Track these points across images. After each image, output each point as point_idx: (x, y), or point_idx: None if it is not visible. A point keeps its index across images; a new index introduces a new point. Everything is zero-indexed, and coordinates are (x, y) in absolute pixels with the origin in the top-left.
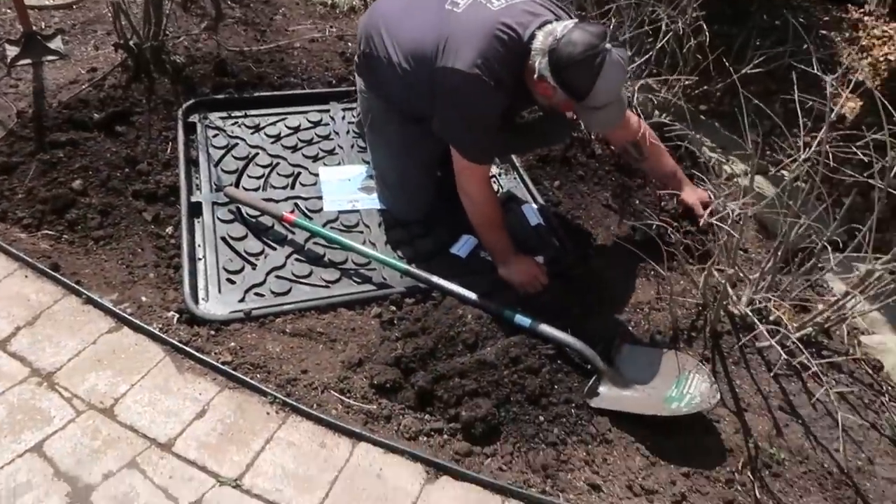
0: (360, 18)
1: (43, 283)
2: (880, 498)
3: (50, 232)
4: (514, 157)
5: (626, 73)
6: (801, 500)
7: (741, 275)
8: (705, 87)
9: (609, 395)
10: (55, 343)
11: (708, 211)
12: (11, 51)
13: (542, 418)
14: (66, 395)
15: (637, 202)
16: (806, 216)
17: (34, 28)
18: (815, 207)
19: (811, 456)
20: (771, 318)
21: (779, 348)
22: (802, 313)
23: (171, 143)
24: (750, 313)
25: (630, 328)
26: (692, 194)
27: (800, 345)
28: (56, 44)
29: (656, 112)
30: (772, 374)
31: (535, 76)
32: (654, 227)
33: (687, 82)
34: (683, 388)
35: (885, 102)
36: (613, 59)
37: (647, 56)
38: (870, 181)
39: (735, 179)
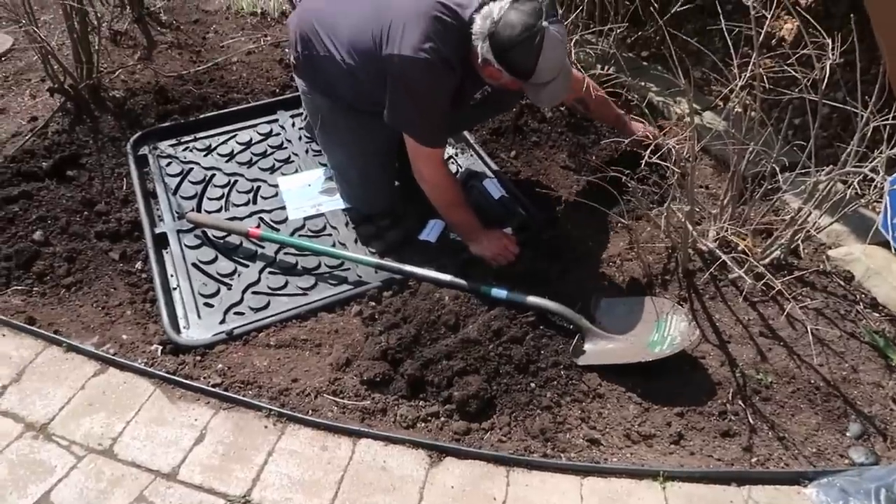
0: (288, 21)
1: (21, 338)
2: (868, 402)
3: (20, 287)
4: (467, 134)
5: (566, 47)
6: (793, 419)
7: (703, 211)
8: (640, 33)
9: (594, 351)
10: (44, 395)
11: (653, 144)
12: None
13: (533, 385)
14: (63, 443)
15: (593, 157)
16: (754, 143)
17: None
18: (760, 133)
19: (797, 374)
20: (739, 248)
21: (744, 276)
22: (768, 238)
23: (125, 179)
24: (716, 248)
25: (605, 282)
26: (636, 132)
27: (769, 269)
28: None
29: (598, 65)
30: (746, 303)
31: (480, 61)
32: (607, 178)
33: (620, 31)
34: (664, 331)
35: (810, 18)
36: (551, 35)
37: (577, 10)
38: (802, 96)
39: (684, 119)
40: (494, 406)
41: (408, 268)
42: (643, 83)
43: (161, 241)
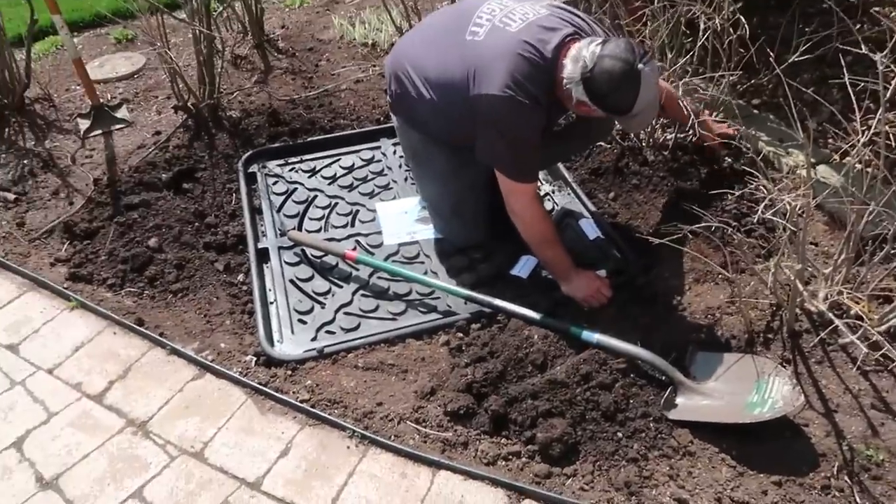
0: (384, 60)
1: (130, 337)
2: None
3: (132, 289)
4: (565, 172)
5: (658, 78)
6: None
7: (814, 270)
8: (753, 81)
9: (687, 406)
10: (146, 394)
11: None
12: (83, 124)
13: (620, 434)
14: (159, 441)
15: (697, 205)
16: (875, 202)
17: (101, 100)
18: (882, 192)
19: None
20: (851, 312)
21: (860, 344)
22: (886, 304)
23: (234, 195)
24: (826, 310)
25: (702, 335)
26: (715, 129)
27: (885, 338)
28: (122, 113)
29: (706, 111)
30: (858, 371)
31: (573, 103)
32: (713, 228)
33: (732, 78)
34: (764, 392)
35: None
36: (646, 74)
37: (688, 56)
38: None
39: (797, 171)
40: (578, 452)
41: (498, 302)
42: (754, 132)
43: (263, 256)
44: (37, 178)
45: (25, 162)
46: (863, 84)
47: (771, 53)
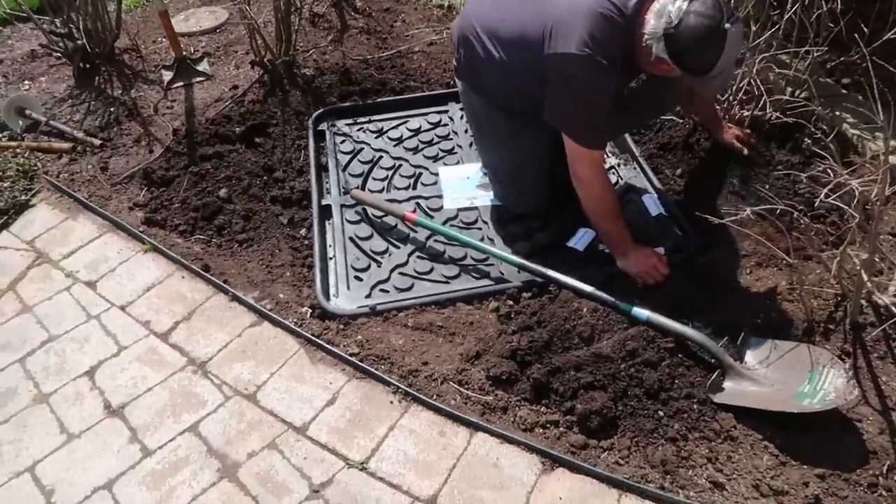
0: (452, 25)
1: (196, 282)
2: None
3: (201, 236)
4: (633, 146)
5: (742, 41)
6: None
7: (885, 261)
8: (843, 59)
9: (734, 390)
10: (207, 336)
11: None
12: (167, 75)
13: (661, 413)
14: (216, 381)
15: (767, 187)
16: None
17: (184, 53)
18: None
19: None
20: None
21: None
22: None
23: (303, 151)
24: (891, 303)
25: (758, 320)
26: (729, 132)
27: None
28: (203, 66)
29: (788, 89)
30: None
31: (652, 58)
32: (777, 211)
33: (819, 55)
34: (817, 383)
35: None
36: (732, 36)
37: (773, 28)
38: None
39: (880, 157)
40: (617, 427)
41: (550, 272)
42: (837, 113)
43: (325, 213)
44: (121, 126)
45: (112, 110)
46: None
47: (865, 28)
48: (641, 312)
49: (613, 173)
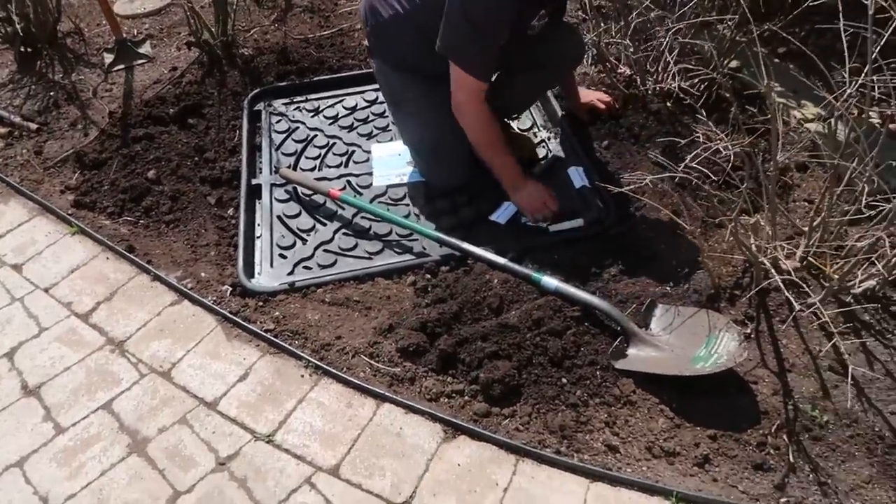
0: (360, 4)
1: (120, 263)
2: None
3: (129, 218)
4: (562, 119)
5: None
6: (843, 465)
7: (795, 227)
8: (768, 27)
9: (636, 357)
10: (127, 315)
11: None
12: (108, 58)
13: (564, 380)
14: (132, 360)
15: (687, 157)
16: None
17: (125, 35)
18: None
19: (860, 419)
20: (828, 273)
21: (819, 304)
22: (871, 267)
23: (237, 131)
24: (792, 269)
25: (667, 288)
26: (589, 94)
27: (861, 300)
28: (145, 48)
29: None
30: (822, 333)
31: None
32: (676, 179)
33: (741, 26)
34: (712, 347)
35: None
36: None
37: None
38: None
39: (806, 126)
40: (520, 394)
41: (466, 246)
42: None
43: (255, 192)
44: (59, 110)
45: (51, 94)
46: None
47: None
48: (550, 282)
49: (543, 147)
